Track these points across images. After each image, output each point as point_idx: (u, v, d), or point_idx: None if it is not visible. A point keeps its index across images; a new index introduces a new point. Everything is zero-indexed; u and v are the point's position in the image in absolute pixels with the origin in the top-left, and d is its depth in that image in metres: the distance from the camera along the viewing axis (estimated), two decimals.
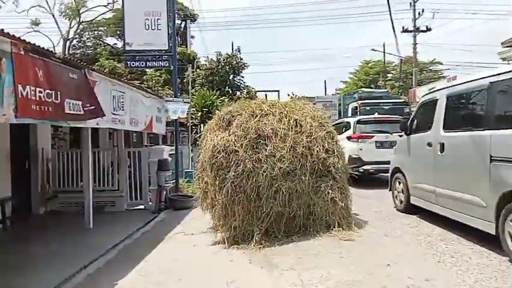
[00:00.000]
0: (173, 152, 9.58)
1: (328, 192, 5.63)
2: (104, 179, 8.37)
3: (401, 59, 30.64)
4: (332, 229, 5.47)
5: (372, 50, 31.95)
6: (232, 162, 5.46)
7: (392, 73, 38.22)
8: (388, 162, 7.53)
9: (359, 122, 10.52)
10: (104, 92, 5.78)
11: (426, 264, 4.20)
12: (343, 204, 5.66)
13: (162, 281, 4.13)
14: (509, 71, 4.34)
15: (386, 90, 22.96)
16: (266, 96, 36.20)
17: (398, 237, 5.30)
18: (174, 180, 9.15)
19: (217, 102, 14.68)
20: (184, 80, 18.68)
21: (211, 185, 5.62)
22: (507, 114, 4.43)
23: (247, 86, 26.02)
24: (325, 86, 43.53)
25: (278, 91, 31.04)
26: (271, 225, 5.39)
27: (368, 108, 15.22)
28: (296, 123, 5.98)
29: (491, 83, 4.56)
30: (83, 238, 6.03)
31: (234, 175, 5.38)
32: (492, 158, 4.35)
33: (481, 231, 4.58)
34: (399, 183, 6.88)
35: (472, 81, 5.06)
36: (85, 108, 5.07)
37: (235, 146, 5.55)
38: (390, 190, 7.32)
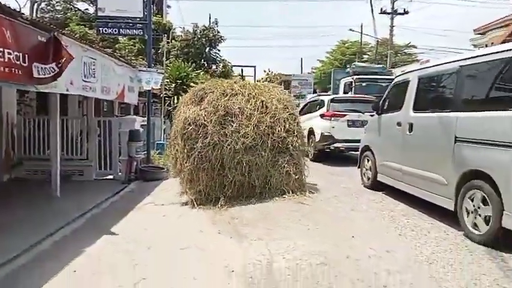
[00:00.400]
0: (145, 123, 9.43)
1: (284, 166, 6.39)
2: (72, 147, 8.18)
3: (378, 41, 31.00)
4: (285, 196, 6.19)
5: (350, 30, 32.13)
6: (201, 134, 6.19)
7: (368, 54, 38.45)
8: (359, 141, 7.71)
9: (332, 100, 10.77)
10: (74, 58, 5.56)
11: (388, 237, 4.40)
12: (296, 177, 6.43)
13: (131, 250, 4.14)
14: (477, 56, 4.51)
15: (381, 65, 21.22)
16: (242, 71, 35.68)
17: (363, 212, 5.50)
18: (145, 152, 9.05)
19: (192, 75, 14.35)
20: (159, 51, 18.17)
21: (181, 153, 6.30)
22: (473, 98, 4.65)
23: (223, 59, 25.52)
24: (301, 64, 43.41)
25: (254, 67, 30.74)
26: (233, 192, 6.16)
27: (364, 84, 13.92)
28: (262, 104, 6.66)
29: (460, 66, 4.71)
30: (50, 206, 5.93)
31: (201, 146, 6.12)
32: (456, 139, 4.54)
33: (441, 209, 4.82)
34: (368, 161, 7.08)
35: (443, 64, 5.21)
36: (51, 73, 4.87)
37: (205, 121, 6.27)
38: (359, 167, 7.53)
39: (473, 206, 4.22)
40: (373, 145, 6.96)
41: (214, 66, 24.97)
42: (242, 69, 33.15)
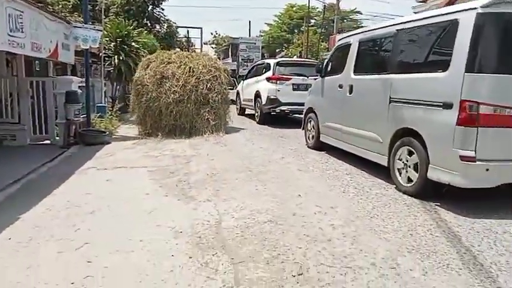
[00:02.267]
0: (84, 84, 8.88)
1: (205, 115, 8.89)
2: (1, 110, 7.54)
3: (325, 5, 31.09)
4: (205, 135, 8.71)
5: None
6: (144, 92, 8.96)
7: (315, 19, 38.70)
8: (303, 104, 7.90)
9: (278, 63, 10.80)
10: None
11: (332, 195, 4.59)
12: (214, 123, 8.89)
13: (72, 214, 3.96)
14: (412, 20, 4.73)
15: None
16: (188, 33, 34.18)
17: (309, 172, 5.68)
18: (85, 115, 8.58)
19: (134, 34, 13.50)
20: (96, 8, 16.76)
21: (135, 104, 9.26)
22: (407, 61, 4.88)
23: (167, 19, 24.32)
24: (249, 26, 42.70)
25: (201, 28, 29.75)
26: (170, 131, 8.86)
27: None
28: (190, 69, 9.09)
29: (397, 30, 4.91)
30: None
31: (145, 99, 8.96)
32: (391, 99, 4.80)
33: (382, 168, 5.09)
34: (311, 122, 7.30)
35: (381, 28, 5.40)
36: None
37: (147, 82, 8.96)
38: (303, 129, 7.75)
39: (404, 162, 4.56)
40: (316, 107, 7.15)
41: (158, 26, 23.77)
42: (188, 31, 31.90)
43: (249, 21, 42.80)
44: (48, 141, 7.82)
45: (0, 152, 6.35)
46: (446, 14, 4.19)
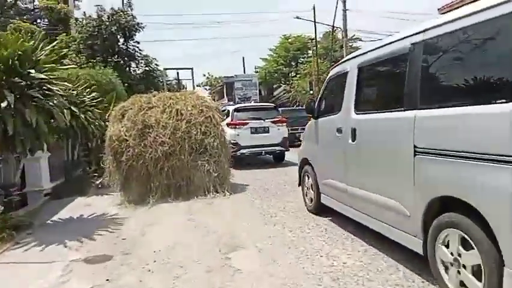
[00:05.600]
0: None
1: (204, 166, 7.05)
2: None
3: (333, 27, 28.24)
4: (208, 194, 6.93)
5: (297, 17, 28.13)
6: (124, 149, 6.93)
7: (313, 50, 37.04)
8: (261, 146, 9.71)
9: (236, 110, 11.39)
10: None
11: None
12: (216, 174, 7.10)
13: None
14: (441, 25, 3.03)
15: None
16: (178, 74, 33.11)
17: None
18: None
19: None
20: (54, 47, 14.06)
21: (112, 167, 7.19)
22: (436, 85, 3.09)
23: (145, 56, 20.13)
24: (243, 63, 41.85)
25: (192, 68, 28.64)
26: (163, 193, 6.87)
27: None
28: (177, 112, 7.31)
29: (413, 44, 3.25)
30: None
31: (126, 158, 6.88)
32: (416, 150, 3.09)
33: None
34: (309, 178, 5.59)
35: (388, 44, 3.72)
36: None
37: (126, 136, 6.99)
38: (299, 186, 6.04)
39: (455, 254, 2.75)
40: (312, 158, 5.44)
41: (133, 64, 19.77)
42: (178, 73, 30.93)
43: (243, 58, 42.05)
44: None
45: None
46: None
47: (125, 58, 18.79)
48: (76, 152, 9.00)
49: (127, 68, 18.79)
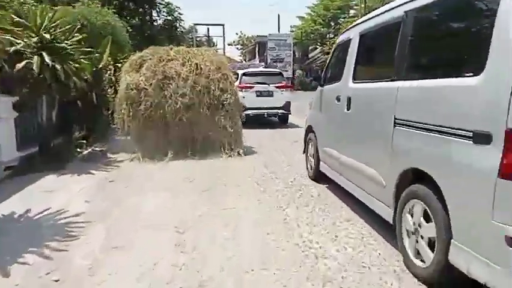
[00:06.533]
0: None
1: (221, 121, 7.24)
2: None
3: None
4: (224, 150, 7.13)
5: None
6: (142, 98, 7.03)
7: (355, 9, 34.69)
8: (265, 109, 11.33)
9: (244, 74, 12.31)
10: None
11: None
12: (232, 130, 7.29)
13: None
14: None
15: None
16: (208, 30, 32.36)
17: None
18: None
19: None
20: None
21: (127, 116, 7.10)
22: (421, 57, 3.06)
23: (167, 3, 17.78)
24: (278, 21, 40.09)
25: (223, 25, 27.77)
26: (180, 147, 7.05)
27: None
28: (197, 66, 7.37)
29: (406, 12, 3.16)
30: None
31: (144, 107, 7.00)
32: (396, 121, 3.08)
33: None
34: (312, 145, 5.65)
35: (387, 11, 3.59)
36: None
37: (145, 85, 7.06)
38: (304, 153, 6.11)
39: (416, 224, 2.82)
40: (315, 126, 5.48)
41: (154, 13, 17.50)
42: (208, 29, 30.26)
43: (278, 15, 39.89)
44: None
45: None
46: None
47: (145, 5, 16.37)
48: (54, 113, 6.94)
49: (148, 17, 16.53)
